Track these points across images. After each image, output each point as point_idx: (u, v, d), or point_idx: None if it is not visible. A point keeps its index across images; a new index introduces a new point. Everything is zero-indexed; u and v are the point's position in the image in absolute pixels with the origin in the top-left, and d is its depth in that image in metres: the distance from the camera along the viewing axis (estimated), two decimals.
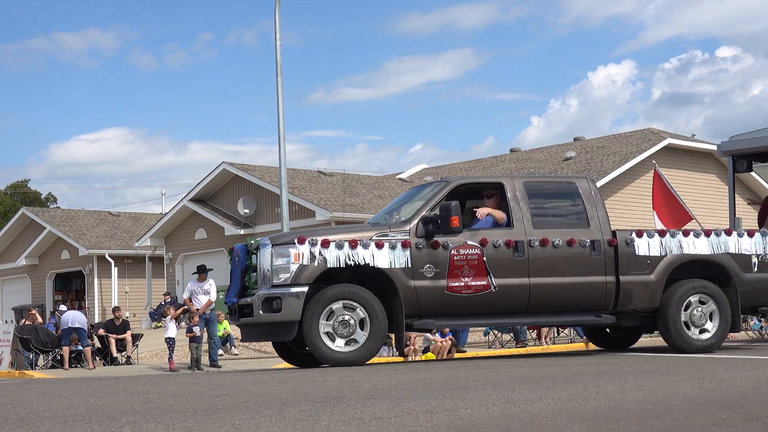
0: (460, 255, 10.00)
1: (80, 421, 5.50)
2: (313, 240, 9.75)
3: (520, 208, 10.39)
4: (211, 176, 31.53)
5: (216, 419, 5.35)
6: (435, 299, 9.97)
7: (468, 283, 10.00)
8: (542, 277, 10.26)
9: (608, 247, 10.48)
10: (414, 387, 7.03)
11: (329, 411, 5.54)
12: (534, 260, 10.24)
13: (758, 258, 10.93)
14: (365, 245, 9.81)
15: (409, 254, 9.88)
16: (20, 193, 67.40)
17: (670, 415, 5.08)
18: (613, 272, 10.49)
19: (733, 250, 10.84)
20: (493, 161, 38.11)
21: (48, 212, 41.89)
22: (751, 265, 10.90)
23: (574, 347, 20.74)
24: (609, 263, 10.47)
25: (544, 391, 6.37)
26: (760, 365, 8.47)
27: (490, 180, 11.21)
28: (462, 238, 10.09)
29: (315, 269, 9.72)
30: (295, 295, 9.64)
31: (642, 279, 10.55)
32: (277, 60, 22.68)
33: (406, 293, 9.85)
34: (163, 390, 7.70)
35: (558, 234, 10.37)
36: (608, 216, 10.80)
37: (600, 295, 10.46)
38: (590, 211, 10.59)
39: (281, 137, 22.83)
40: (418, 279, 9.90)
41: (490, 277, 10.07)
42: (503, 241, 10.17)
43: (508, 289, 10.14)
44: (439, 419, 5.10)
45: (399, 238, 9.91)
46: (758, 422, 4.82)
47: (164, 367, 18.79)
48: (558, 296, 10.35)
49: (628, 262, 10.51)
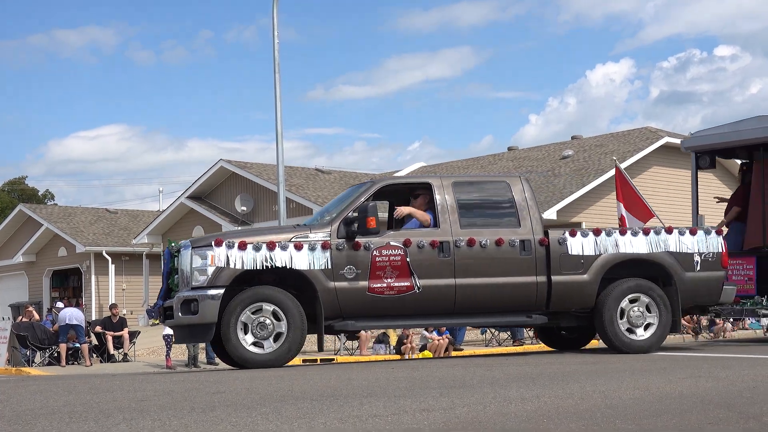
0: (382, 256, 9.98)
1: (77, 418, 5.50)
2: (230, 242, 9.80)
3: (447, 208, 10.33)
4: (209, 173, 31.54)
5: (213, 416, 5.35)
6: (356, 300, 9.96)
7: (391, 284, 9.96)
8: (469, 278, 10.18)
9: (539, 246, 10.38)
10: (411, 385, 7.03)
11: (326, 408, 5.54)
12: (460, 261, 10.17)
13: (701, 256, 10.73)
14: (284, 247, 9.83)
15: (329, 255, 9.88)
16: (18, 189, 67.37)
17: (667, 414, 5.08)
18: (545, 272, 10.39)
19: (674, 249, 10.65)
20: (491, 159, 38.11)
21: (45, 209, 41.85)
22: (693, 264, 10.70)
23: None
24: (540, 263, 10.36)
25: (541, 389, 6.37)
26: (757, 364, 8.48)
27: (417, 180, 11.18)
28: (385, 239, 10.06)
29: (231, 271, 9.75)
30: (211, 297, 9.69)
31: (575, 279, 10.42)
32: (275, 57, 22.67)
33: (326, 295, 9.87)
34: (160, 387, 7.70)
35: (486, 234, 10.28)
36: (541, 215, 10.71)
37: (530, 295, 10.36)
38: (522, 211, 10.48)
39: (279, 135, 22.82)
40: (339, 280, 9.90)
41: (414, 278, 10.01)
42: (428, 242, 10.12)
43: (433, 289, 10.08)
44: (436, 417, 5.11)
45: (319, 240, 9.93)
46: (755, 421, 4.83)
47: (161, 365, 18.80)
48: (486, 297, 10.27)
49: (561, 261, 10.39)
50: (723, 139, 13.65)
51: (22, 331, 20.64)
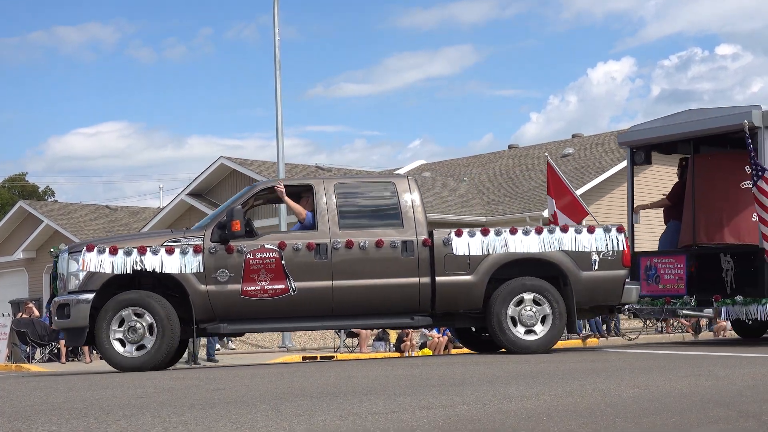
0: (256, 259, 10.03)
1: (76, 414, 5.51)
2: (101, 247, 9.98)
3: (327, 210, 10.34)
4: (209, 170, 31.51)
5: (212, 413, 5.35)
6: (229, 303, 10.02)
7: (265, 287, 10.00)
8: (348, 280, 10.13)
9: (423, 247, 10.30)
10: (410, 383, 7.03)
11: (326, 406, 5.54)
12: (338, 263, 10.14)
13: (599, 255, 10.54)
14: (155, 251, 9.97)
15: (201, 259, 9.97)
16: (18, 186, 67.36)
17: (666, 412, 5.09)
18: (429, 273, 10.32)
19: (569, 248, 10.48)
20: (491, 157, 38.13)
21: (45, 205, 41.86)
22: (590, 263, 10.50)
23: (571, 344, 20.78)
24: (423, 264, 10.30)
25: (541, 387, 6.38)
26: (757, 363, 8.48)
27: (300, 182, 11.16)
28: (259, 242, 10.12)
29: (102, 276, 9.93)
30: (82, 301, 9.87)
31: (461, 280, 10.33)
32: (276, 55, 22.69)
33: (198, 298, 9.94)
34: (160, 384, 7.71)
35: (366, 235, 10.25)
36: (426, 216, 10.61)
37: (413, 296, 10.29)
38: (406, 212, 10.41)
39: (279, 132, 22.83)
40: (211, 283, 9.97)
41: (289, 280, 10.04)
42: (304, 244, 10.14)
43: (309, 292, 10.08)
44: (436, 415, 5.11)
45: (191, 243, 10.03)
46: (754, 420, 4.83)
47: None
48: (366, 299, 10.22)
49: (446, 262, 10.32)
50: (655, 133, 13.17)
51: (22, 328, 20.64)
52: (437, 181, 34.19)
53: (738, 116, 11.75)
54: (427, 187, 32.95)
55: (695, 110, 12.96)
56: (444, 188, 32.95)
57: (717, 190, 12.52)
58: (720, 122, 12.01)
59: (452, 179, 35.07)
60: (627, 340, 21.37)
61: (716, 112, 12.33)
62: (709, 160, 12.90)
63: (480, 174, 35.38)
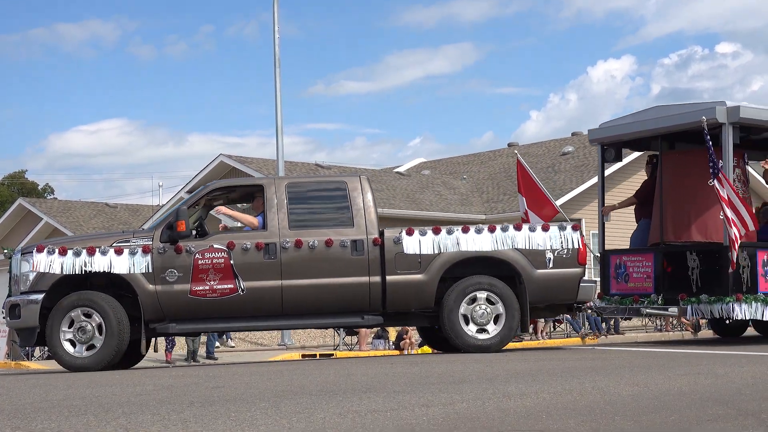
0: (205, 259, 10.08)
1: (76, 412, 5.51)
2: (50, 248, 10.08)
3: (277, 210, 10.36)
4: (209, 168, 31.48)
5: (212, 411, 5.35)
6: (178, 303, 10.08)
7: (213, 286, 10.05)
8: (297, 279, 10.16)
9: (373, 246, 10.31)
10: (410, 380, 7.03)
11: (325, 404, 5.54)
12: (287, 262, 10.17)
13: (554, 253, 10.48)
14: (104, 252, 10.04)
15: (149, 259, 10.05)
16: (17, 183, 67.34)
17: (666, 411, 5.09)
18: (379, 272, 10.31)
19: (523, 246, 10.45)
20: (490, 155, 38.11)
21: (45, 203, 41.86)
22: (545, 261, 10.46)
23: (571, 342, 20.79)
24: (374, 263, 10.29)
25: (540, 385, 6.38)
26: (756, 361, 8.49)
27: (250, 183, 11.14)
28: (208, 242, 10.17)
29: (51, 277, 10.02)
30: (32, 302, 9.96)
31: (412, 278, 10.32)
32: (276, 52, 22.68)
33: (147, 298, 10.03)
34: (159, 382, 7.71)
35: (316, 235, 10.27)
36: (377, 215, 10.60)
37: (363, 296, 10.29)
38: (356, 211, 10.42)
39: (279, 130, 22.84)
40: (160, 284, 10.04)
41: (238, 280, 10.08)
42: (253, 244, 10.17)
43: (258, 292, 10.12)
44: (435, 413, 5.11)
45: (140, 244, 10.11)
46: (753, 418, 4.83)
47: (161, 359, 18.81)
48: (316, 298, 10.24)
49: (396, 261, 10.32)
50: (625, 130, 12.93)
51: None
52: (437, 179, 34.19)
53: (701, 113, 11.58)
54: (426, 185, 32.93)
55: (663, 106, 12.78)
56: (444, 186, 32.95)
57: (685, 187, 12.32)
58: (685, 119, 11.81)
59: (452, 177, 35.06)
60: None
61: (682, 109, 12.14)
62: (677, 157, 12.72)
63: (480, 172, 35.38)
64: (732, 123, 11.50)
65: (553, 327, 23.09)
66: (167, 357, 18.50)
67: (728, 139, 11.53)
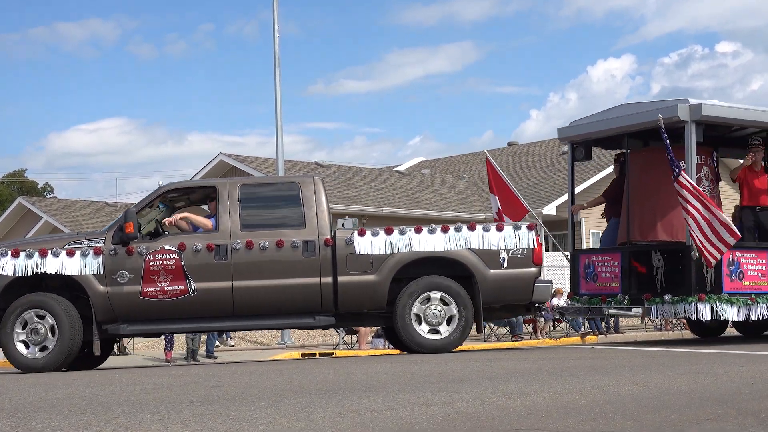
0: (156, 260, 10.15)
1: (75, 411, 5.51)
2: (3, 250, 10.21)
3: (229, 211, 10.39)
4: (208, 167, 31.50)
5: (212, 410, 5.35)
6: (129, 304, 10.15)
7: (164, 287, 10.11)
8: (248, 280, 10.20)
9: (325, 247, 10.32)
10: (410, 379, 7.03)
11: (325, 403, 5.54)
12: (238, 263, 10.20)
13: (509, 253, 10.47)
14: (56, 254, 10.14)
15: (101, 261, 10.14)
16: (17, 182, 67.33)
17: (665, 410, 5.09)
18: (331, 273, 10.33)
19: (476, 246, 10.44)
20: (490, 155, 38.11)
21: (45, 202, 41.84)
22: (499, 261, 10.44)
23: (570, 341, 20.79)
24: (325, 264, 10.31)
25: (540, 384, 6.38)
26: (756, 360, 8.48)
27: (204, 184, 11.20)
28: (160, 244, 10.24)
29: (4, 278, 10.15)
30: None
31: (364, 279, 10.34)
32: (275, 51, 22.68)
33: (98, 299, 10.11)
34: (159, 381, 7.71)
35: (268, 236, 10.28)
36: (330, 215, 10.61)
37: (315, 296, 10.31)
38: (308, 212, 10.43)
39: (279, 129, 22.82)
40: (112, 285, 10.12)
41: (189, 281, 10.13)
42: (204, 245, 10.21)
43: (209, 293, 10.16)
44: (435, 412, 5.11)
45: (92, 246, 10.19)
46: (753, 417, 4.83)
47: (160, 358, 18.80)
48: (267, 299, 10.26)
49: (348, 262, 10.33)
50: (593, 128, 12.86)
51: None
52: (436, 179, 34.19)
53: (663, 111, 11.52)
54: (426, 185, 32.94)
55: (629, 104, 12.72)
56: (443, 185, 32.96)
57: (651, 185, 12.21)
58: (648, 117, 11.69)
59: (451, 176, 35.06)
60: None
61: (646, 107, 12.05)
62: (643, 156, 12.61)
63: (479, 171, 35.36)
64: (695, 121, 11.40)
65: (552, 326, 23.08)
66: (167, 356, 18.50)
67: (691, 138, 11.44)
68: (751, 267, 11.74)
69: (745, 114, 12.04)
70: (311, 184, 10.65)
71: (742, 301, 11.39)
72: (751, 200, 12.42)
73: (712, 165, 12.39)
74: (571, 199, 13.54)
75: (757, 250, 11.86)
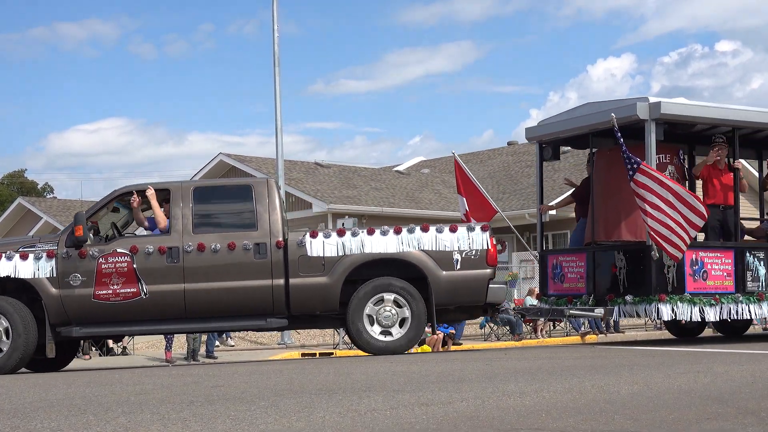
0: (108, 263, 10.19)
1: (75, 411, 5.51)
2: None
3: (181, 214, 10.41)
4: (208, 167, 31.48)
5: (211, 410, 5.35)
6: (82, 307, 10.18)
7: (117, 290, 10.15)
8: (200, 283, 10.22)
9: (276, 249, 10.32)
10: (409, 379, 7.03)
11: (325, 402, 5.54)
12: (190, 266, 10.23)
13: (462, 254, 10.44)
14: (9, 257, 10.19)
15: (54, 264, 10.18)
16: (17, 182, 67.32)
17: (665, 409, 5.09)
18: (282, 275, 10.33)
19: (429, 248, 10.42)
20: (490, 154, 38.10)
21: (45, 202, 41.82)
22: (452, 263, 10.41)
23: (570, 340, 20.79)
24: (277, 266, 10.31)
25: (540, 384, 6.38)
26: (756, 359, 8.48)
27: (158, 187, 11.14)
28: (112, 247, 10.28)
29: None
30: None
31: (316, 281, 10.34)
32: (275, 51, 22.67)
33: (51, 302, 10.15)
34: (159, 381, 7.71)
35: (220, 239, 10.30)
36: (282, 217, 10.59)
37: (267, 298, 10.31)
38: (261, 214, 10.43)
39: (278, 129, 22.80)
40: (65, 288, 10.17)
41: (141, 284, 10.17)
42: (156, 248, 10.25)
43: (160, 295, 10.19)
44: (435, 412, 5.11)
45: (45, 249, 10.24)
46: (752, 416, 4.83)
47: (160, 358, 18.81)
48: (218, 301, 10.28)
49: (300, 264, 10.34)
50: (560, 128, 12.73)
51: None
52: (436, 178, 34.18)
53: (623, 109, 11.43)
54: (426, 184, 32.93)
55: (594, 103, 12.62)
56: (443, 185, 32.95)
57: (614, 185, 12.02)
58: (608, 116, 11.52)
59: (451, 176, 35.03)
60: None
61: (609, 105, 11.93)
62: (608, 155, 12.44)
63: (479, 171, 35.36)
64: (654, 119, 11.30)
65: (552, 326, 23.09)
66: (167, 356, 18.50)
67: (651, 136, 11.34)
68: (715, 267, 11.58)
69: (705, 112, 11.90)
70: (264, 186, 10.66)
71: (705, 302, 11.24)
72: (716, 198, 12.21)
73: (679, 164, 12.19)
74: (540, 199, 13.46)
75: (722, 250, 11.69)
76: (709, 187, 12.32)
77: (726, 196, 12.23)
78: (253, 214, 10.47)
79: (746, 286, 11.71)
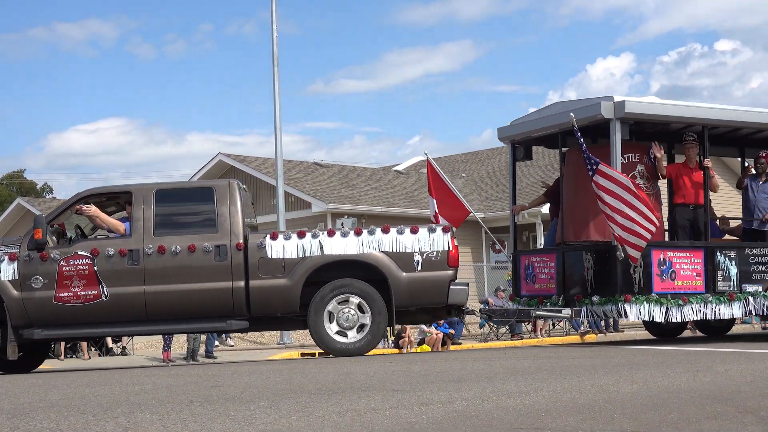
0: (69, 266, 10.25)
1: (75, 411, 5.50)
2: None
3: (143, 216, 10.45)
4: (208, 167, 31.48)
5: (211, 410, 5.35)
6: (43, 310, 10.24)
7: (78, 293, 10.21)
8: (160, 285, 10.27)
9: (237, 251, 10.35)
10: (409, 379, 7.03)
11: (324, 402, 5.54)
12: (150, 268, 10.27)
13: (423, 256, 10.45)
14: None
15: (16, 267, 10.26)
16: (16, 183, 67.30)
17: (665, 408, 5.08)
18: (243, 277, 10.35)
19: (390, 249, 10.43)
20: (489, 154, 38.10)
21: (44, 202, 41.78)
22: (413, 264, 10.43)
23: (570, 340, 20.80)
24: (237, 268, 10.35)
25: (540, 383, 6.37)
26: (755, 359, 8.48)
27: (121, 190, 11.21)
28: (73, 249, 10.33)
29: None
30: None
31: (276, 283, 10.37)
32: (274, 51, 22.67)
33: (14, 304, 10.23)
34: (158, 381, 7.70)
35: (180, 241, 10.34)
36: (243, 219, 10.58)
37: (227, 301, 10.35)
38: (221, 216, 10.46)
39: (278, 128, 22.81)
40: (26, 290, 10.24)
41: (102, 286, 10.23)
42: (116, 251, 10.29)
43: (121, 297, 10.25)
44: (434, 411, 5.10)
45: (7, 252, 10.32)
46: (752, 415, 4.83)
47: (160, 358, 18.80)
48: (179, 303, 10.32)
49: (260, 266, 10.37)
50: (531, 127, 12.68)
51: None
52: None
53: (588, 108, 11.39)
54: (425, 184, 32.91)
55: (563, 102, 12.61)
56: None
57: (583, 184, 11.89)
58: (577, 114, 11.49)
59: (450, 175, 35.04)
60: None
61: (576, 104, 11.90)
62: (576, 154, 12.33)
63: (478, 170, 35.38)
64: (619, 118, 11.28)
65: (552, 325, 23.08)
66: (166, 356, 18.50)
67: (616, 135, 11.32)
68: (684, 266, 11.52)
69: (671, 110, 11.87)
70: (226, 189, 10.69)
71: (673, 302, 11.19)
72: (686, 198, 12.17)
73: (649, 163, 12.09)
74: (513, 199, 13.43)
75: (691, 249, 11.61)
76: (680, 186, 12.26)
77: (697, 194, 12.15)
78: (214, 217, 10.50)
79: (717, 286, 11.62)
